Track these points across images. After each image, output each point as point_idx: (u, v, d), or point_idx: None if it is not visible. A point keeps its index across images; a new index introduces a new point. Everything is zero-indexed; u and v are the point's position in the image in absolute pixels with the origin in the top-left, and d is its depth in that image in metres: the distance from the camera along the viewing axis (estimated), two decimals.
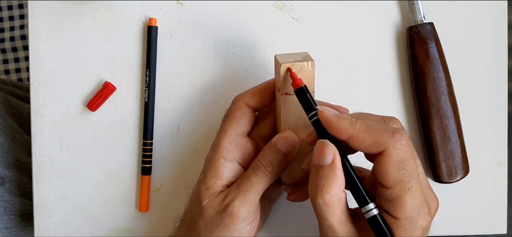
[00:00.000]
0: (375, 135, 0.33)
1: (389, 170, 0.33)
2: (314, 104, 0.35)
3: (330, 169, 0.33)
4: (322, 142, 0.34)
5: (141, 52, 0.46)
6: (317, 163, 0.34)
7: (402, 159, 0.33)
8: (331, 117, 0.34)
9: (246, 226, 0.38)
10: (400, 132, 0.34)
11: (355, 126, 0.33)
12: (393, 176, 0.33)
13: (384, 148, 0.33)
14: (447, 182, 0.45)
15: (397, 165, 0.33)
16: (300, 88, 0.36)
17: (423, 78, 0.45)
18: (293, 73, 0.36)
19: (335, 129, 0.34)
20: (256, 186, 0.37)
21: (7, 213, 0.55)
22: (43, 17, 0.46)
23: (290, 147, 0.38)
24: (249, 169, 0.38)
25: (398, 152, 0.33)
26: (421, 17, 0.46)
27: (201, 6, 0.46)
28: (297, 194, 0.41)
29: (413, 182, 0.33)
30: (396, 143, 0.33)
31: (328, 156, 0.33)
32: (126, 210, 0.47)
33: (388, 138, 0.33)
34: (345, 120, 0.34)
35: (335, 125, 0.34)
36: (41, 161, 0.46)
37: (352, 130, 0.33)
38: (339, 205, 0.34)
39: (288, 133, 0.38)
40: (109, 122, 0.46)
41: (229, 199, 0.37)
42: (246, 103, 0.39)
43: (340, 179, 0.33)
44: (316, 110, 0.35)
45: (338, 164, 0.33)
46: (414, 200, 0.33)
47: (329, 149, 0.33)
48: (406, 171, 0.33)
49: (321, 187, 0.33)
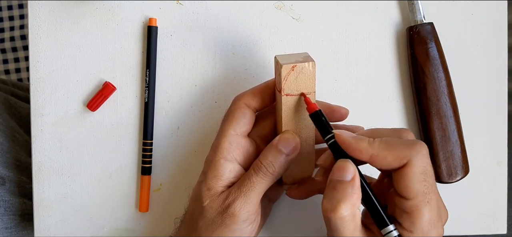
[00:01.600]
0: (396, 150, 0.33)
1: (412, 182, 0.33)
2: (330, 128, 0.36)
3: (349, 185, 0.33)
4: (343, 160, 0.34)
5: (141, 52, 0.46)
6: (336, 178, 0.34)
7: (425, 170, 0.33)
8: (349, 140, 0.34)
9: (247, 226, 0.38)
10: (420, 143, 0.34)
11: (374, 146, 0.34)
12: (415, 188, 0.33)
13: (407, 160, 0.33)
14: (447, 182, 0.45)
15: (420, 176, 0.33)
16: (315, 113, 0.36)
17: (423, 78, 0.45)
18: (307, 98, 0.37)
19: (355, 151, 0.34)
20: (257, 187, 0.37)
21: (7, 213, 0.55)
22: (43, 17, 0.46)
23: (291, 148, 0.38)
24: (250, 170, 0.38)
25: (420, 163, 0.33)
26: (421, 17, 0.46)
27: (201, 6, 0.46)
28: (297, 191, 0.41)
29: (433, 194, 0.34)
30: (418, 154, 0.33)
31: (348, 173, 0.34)
32: (126, 210, 0.47)
33: (410, 150, 0.33)
34: (363, 141, 0.34)
35: (354, 147, 0.34)
36: (41, 161, 0.46)
37: (372, 150, 0.34)
38: (353, 221, 0.34)
39: (289, 134, 0.38)
40: (109, 122, 0.46)
41: (230, 200, 0.37)
42: (246, 103, 0.39)
43: (357, 195, 0.34)
44: (332, 134, 0.35)
45: (358, 181, 0.34)
46: (432, 212, 0.34)
47: (350, 166, 0.34)
48: (427, 183, 0.33)
49: (337, 200, 0.33)
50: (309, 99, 0.37)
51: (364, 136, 0.35)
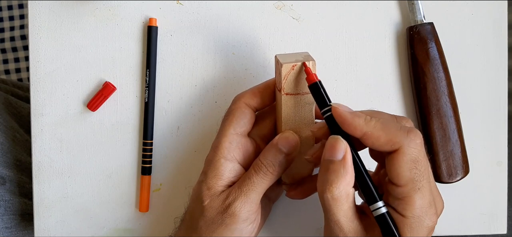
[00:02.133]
0: (390, 133, 0.33)
1: (402, 169, 0.33)
2: (328, 100, 0.35)
3: (341, 164, 0.33)
4: (334, 137, 0.34)
5: (141, 52, 0.46)
6: (328, 158, 0.34)
7: (416, 158, 0.33)
8: (346, 114, 0.34)
9: (247, 226, 0.38)
10: (415, 131, 0.34)
11: (370, 124, 0.34)
12: (405, 175, 0.33)
13: (399, 146, 0.33)
14: (447, 182, 0.45)
15: (410, 164, 0.33)
16: (315, 84, 0.36)
17: (423, 78, 0.45)
18: (308, 68, 0.36)
19: (349, 126, 0.34)
20: (257, 187, 0.37)
21: (8, 213, 0.55)
22: (43, 17, 0.46)
23: (291, 148, 0.38)
24: (250, 169, 0.38)
25: (412, 151, 0.33)
26: (421, 17, 0.46)
27: (201, 6, 0.46)
28: (296, 191, 0.41)
29: (424, 182, 0.33)
30: (411, 142, 0.33)
31: (339, 152, 0.33)
32: (126, 210, 0.47)
33: (403, 136, 0.33)
34: (360, 117, 0.34)
35: (350, 122, 0.34)
36: (41, 161, 0.46)
37: (367, 128, 0.33)
38: (347, 201, 0.34)
39: (289, 133, 0.38)
40: (109, 122, 0.46)
41: (231, 199, 0.37)
42: (246, 103, 0.39)
43: (350, 175, 0.33)
44: (330, 106, 0.35)
45: (349, 160, 0.33)
46: (423, 200, 0.33)
47: (340, 144, 0.34)
48: (418, 171, 0.33)
49: (330, 181, 0.33)
50: (309, 69, 0.36)
51: (362, 113, 0.35)
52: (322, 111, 0.35)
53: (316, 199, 0.42)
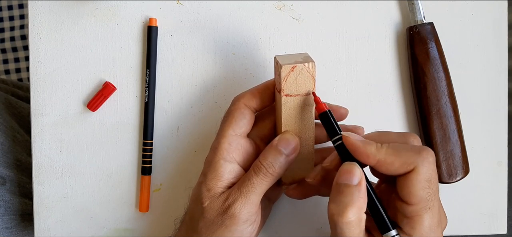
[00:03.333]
0: (403, 157, 0.33)
1: (416, 188, 0.33)
2: (338, 129, 0.36)
3: (356, 189, 0.33)
4: (350, 163, 0.34)
5: (141, 52, 0.46)
6: (343, 182, 0.34)
7: (429, 178, 0.33)
8: (357, 143, 0.34)
9: (248, 227, 0.38)
10: (427, 150, 0.34)
11: (382, 151, 0.34)
12: (418, 194, 0.33)
13: (413, 167, 0.33)
14: (447, 182, 0.45)
15: (424, 183, 0.33)
16: (324, 113, 0.36)
17: (423, 78, 0.45)
18: (317, 98, 0.37)
19: (362, 155, 0.34)
20: (257, 188, 0.37)
21: (8, 213, 0.55)
22: (43, 17, 0.46)
23: (291, 149, 0.38)
24: (250, 170, 0.38)
25: (426, 170, 0.33)
26: (421, 17, 0.46)
27: (201, 6, 0.46)
28: (296, 191, 0.41)
29: (435, 201, 0.34)
30: (424, 161, 0.33)
31: (355, 177, 0.34)
32: (126, 210, 0.47)
33: (416, 156, 0.33)
34: (371, 145, 0.34)
35: (362, 151, 0.34)
36: (41, 161, 0.46)
37: (379, 155, 0.34)
38: (359, 225, 0.34)
39: (289, 134, 0.38)
40: (109, 122, 0.46)
41: (231, 201, 0.37)
42: (246, 104, 0.39)
43: (364, 200, 0.34)
44: (340, 135, 0.35)
45: (364, 185, 0.34)
46: (432, 219, 0.34)
47: (357, 170, 0.34)
48: (431, 190, 0.33)
49: (345, 204, 0.33)
50: (318, 98, 0.37)
51: (372, 140, 0.35)
52: (333, 140, 0.36)
53: (316, 199, 0.42)
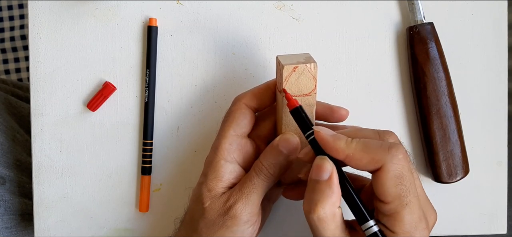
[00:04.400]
0: (371, 153, 0.33)
1: (387, 186, 0.33)
2: (310, 124, 0.35)
3: (326, 184, 0.33)
4: (321, 157, 0.34)
5: (141, 52, 0.46)
6: (314, 178, 0.34)
7: (400, 174, 0.33)
8: (327, 137, 0.34)
9: (249, 228, 0.38)
10: (397, 146, 0.33)
11: (351, 146, 0.34)
12: (391, 192, 0.33)
13: (381, 164, 0.33)
14: (447, 182, 0.45)
15: (395, 180, 0.33)
16: (295, 109, 0.36)
17: (423, 78, 0.45)
18: (288, 94, 0.36)
19: (332, 150, 0.34)
20: (258, 188, 0.37)
21: (8, 213, 0.55)
22: (43, 17, 0.46)
23: (292, 149, 0.38)
24: (250, 171, 0.38)
25: (395, 167, 0.33)
26: (421, 17, 0.46)
27: (201, 6, 0.46)
28: (293, 192, 0.41)
29: (411, 197, 0.33)
30: (393, 158, 0.33)
31: (325, 172, 0.33)
32: (126, 210, 0.47)
33: (385, 153, 0.33)
34: (341, 140, 0.34)
35: (331, 145, 0.34)
36: (41, 161, 0.46)
37: (348, 150, 0.33)
38: (334, 220, 0.34)
39: (290, 135, 0.38)
40: (109, 122, 0.46)
41: (232, 201, 0.37)
42: (247, 104, 0.39)
43: (336, 195, 0.33)
44: (312, 130, 0.35)
45: (335, 180, 0.33)
46: (412, 215, 0.33)
47: (326, 165, 0.34)
48: (404, 186, 0.33)
49: (315, 202, 0.33)
50: (289, 95, 0.36)
51: (347, 135, 0.34)
52: (305, 135, 0.35)
53: None
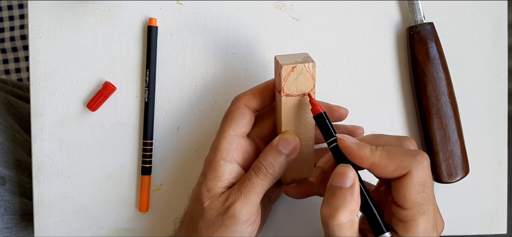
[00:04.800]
0: (397, 160, 0.33)
1: (410, 193, 0.33)
2: (333, 131, 0.36)
3: (349, 191, 0.33)
4: (344, 165, 0.34)
5: (141, 52, 0.46)
6: (336, 184, 0.34)
7: (424, 182, 0.33)
8: (352, 145, 0.34)
9: (248, 227, 0.38)
10: (422, 154, 0.34)
11: (376, 154, 0.34)
12: (412, 198, 0.33)
13: (407, 171, 0.33)
14: (447, 182, 0.45)
15: (418, 187, 0.33)
16: (320, 115, 0.36)
17: (423, 78, 0.45)
18: (313, 99, 0.37)
19: (356, 158, 0.34)
20: (257, 188, 0.37)
21: (8, 213, 0.55)
22: (43, 17, 0.46)
23: (291, 149, 0.38)
24: (250, 170, 0.38)
25: (420, 175, 0.33)
26: (421, 17, 0.46)
27: (201, 6, 0.46)
28: (294, 190, 0.41)
29: (429, 205, 0.33)
30: (419, 165, 0.33)
31: (348, 179, 0.33)
32: (126, 210, 0.47)
33: (411, 160, 0.33)
34: (366, 148, 0.34)
35: (356, 153, 0.34)
36: (41, 161, 0.46)
37: (374, 158, 0.33)
38: (351, 228, 0.34)
39: (289, 134, 0.38)
40: (109, 122, 0.46)
41: (231, 201, 0.37)
42: (246, 104, 0.39)
43: (356, 203, 0.33)
44: (335, 137, 0.35)
45: (357, 188, 0.34)
46: (427, 223, 0.33)
47: (350, 172, 0.34)
48: (425, 194, 0.33)
49: (336, 207, 0.33)
50: (314, 100, 0.37)
51: (367, 142, 0.35)
52: (328, 142, 0.36)
53: (316, 200, 0.42)
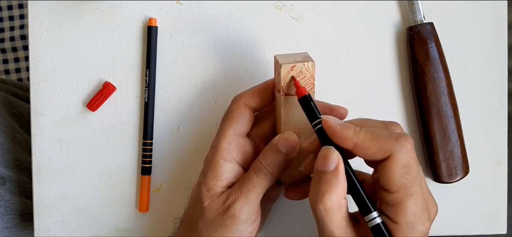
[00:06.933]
0: (380, 142, 0.33)
1: (394, 175, 0.33)
2: (318, 113, 0.35)
3: (333, 175, 0.33)
4: (326, 148, 0.34)
5: (141, 52, 0.46)
6: (320, 169, 0.34)
7: (407, 164, 0.33)
8: (335, 126, 0.34)
9: (247, 227, 0.38)
10: (405, 137, 0.34)
11: (360, 135, 0.34)
12: (397, 181, 0.33)
13: (390, 153, 0.33)
14: (447, 182, 0.45)
15: (402, 170, 0.33)
16: (304, 97, 0.36)
17: (423, 78, 0.45)
18: (297, 81, 0.36)
19: (340, 138, 0.34)
20: (257, 187, 0.37)
21: (8, 213, 0.55)
22: (43, 17, 0.46)
23: (291, 148, 0.38)
24: (249, 170, 0.38)
25: (403, 157, 0.33)
26: (421, 17, 0.46)
27: (201, 6, 0.46)
28: (294, 192, 0.41)
29: (416, 187, 0.33)
30: (402, 148, 0.33)
31: (331, 162, 0.33)
32: (126, 210, 0.47)
33: (394, 143, 0.33)
34: (350, 128, 0.34)
35: (340, 134, 0.34)
36: (41, 161, 0.46)
37: (357, 139, 0.33)
38: (340, 211, 0.34)
39: (289, 133, 0.38)
40: (109, 122, 0.46)
41: (231, 201, 0.37)
42: (246, 103, 0.39)
43: (342, 185, 0.33)
44: (320, 119, 0.35)
45: (341, 170, 0.33)
46: (416, 205, 0.33)
47: (333, 155, 0.33)
48: (410, 176, 0.33)
49: (322, 192, 0.33)
50: (298, 82, 0.36)
51: (352, 124, 0.35)
52: (313, 124, 0.35)
53: None
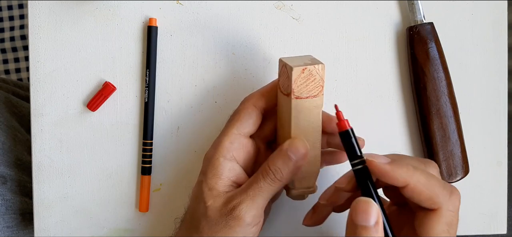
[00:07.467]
0: (433, 191, 0.32)
1: (435, 230, 0.32)
2: (359, 151, 0.34)
3: (374, 229, 0.32)
4: (364, 200, 0.32)
5: (141, 52, 0.46)
6: (360, 223, 0.32)
7: (451, 222, 0.32)
8: (385, 167, 0.32)
9: (251, 229, 0.37)
10: (456, 193, 0.33)
11: (414, 177, 0.32)
12: (437, 236, 0.32)
13: (439, 207, 0.32)
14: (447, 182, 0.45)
15: (445, 227, 0.32)
16: (346, 132, 0.34)
17: (423, 78, 0.45)
18: (340, 113, 0.35)
19: (391, 179, 0.32)
20: (264, 192, 0.37)
21: (9, 212, 0.55)
22: (43, 17, 0.46)
23: (301, 155, 0.37)
24: (257, 174, 0.38)
25: (450, 215, 0.32)
26: (421, 17, 0.46)
27: (201, 6, 0.46)
28: (312, 220, 0.40)
29: None
30: (450, 205, 0.32)
31: (372, 217, 0.32)
32: (126, 210, 0.47)
33: (445, 198, 0.32)
34: (402, 168, 0.32)
35: (391, 175, 0.32)
36: (41, 161, 0.46)
37: (411, 180, 0.32)
38: None
39: (299, 141, 0.37)
40: (109, 122, 0.46)
41: (236, 202, 0.37)
42: (254, 104, 0.39)
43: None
44: (362, 159, 0.34)
45: (381, 223, 0.32)
46: None
47: (373, 209, 0.32)
48: (449, 235, 0.32)
49: None
50: (341, 114, 0.35)
51: (406, 164, 0.33)
52: (352, 163, 0.34)
53: (315, 200, 0.42)
